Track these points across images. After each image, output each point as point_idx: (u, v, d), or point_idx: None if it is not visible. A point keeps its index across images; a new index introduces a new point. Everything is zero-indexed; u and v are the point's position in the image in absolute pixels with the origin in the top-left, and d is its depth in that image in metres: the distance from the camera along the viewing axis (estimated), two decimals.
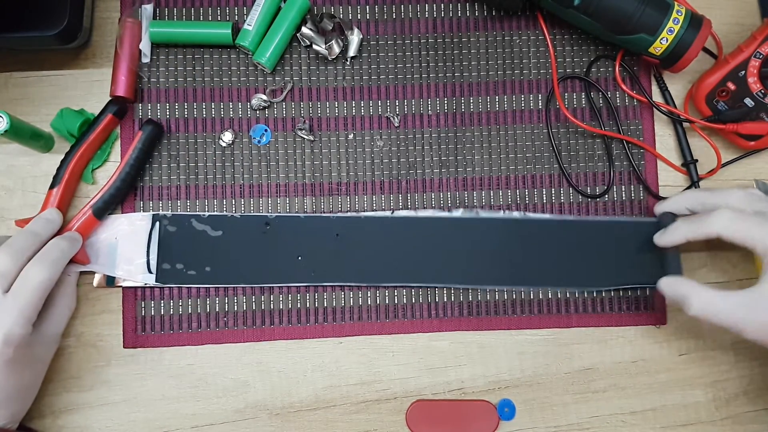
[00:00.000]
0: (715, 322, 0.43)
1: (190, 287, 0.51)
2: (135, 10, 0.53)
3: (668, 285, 0.47)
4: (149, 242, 0.51)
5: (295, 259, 0.51)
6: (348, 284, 0.51)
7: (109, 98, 0.52)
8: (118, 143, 0.53)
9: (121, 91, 0.51)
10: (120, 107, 0.51)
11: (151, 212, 0.52)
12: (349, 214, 0.52)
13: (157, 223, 0.51)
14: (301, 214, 0.52)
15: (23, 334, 0.42)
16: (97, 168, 0.52)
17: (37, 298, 0.43)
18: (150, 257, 0.51)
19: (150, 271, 0.51)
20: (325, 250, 0.51)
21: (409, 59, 0.54)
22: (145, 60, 0.53)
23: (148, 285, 0.51)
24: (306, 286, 0.52)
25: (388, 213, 0.52)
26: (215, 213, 0.52)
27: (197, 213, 0.52)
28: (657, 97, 0.54)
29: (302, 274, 0.51)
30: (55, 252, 0.45)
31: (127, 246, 0.51)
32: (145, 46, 0.53)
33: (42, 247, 0.46)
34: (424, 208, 0.53)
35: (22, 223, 0.49)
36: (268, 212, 0.52)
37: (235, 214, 0.52)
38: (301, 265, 0.51)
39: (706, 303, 0.44)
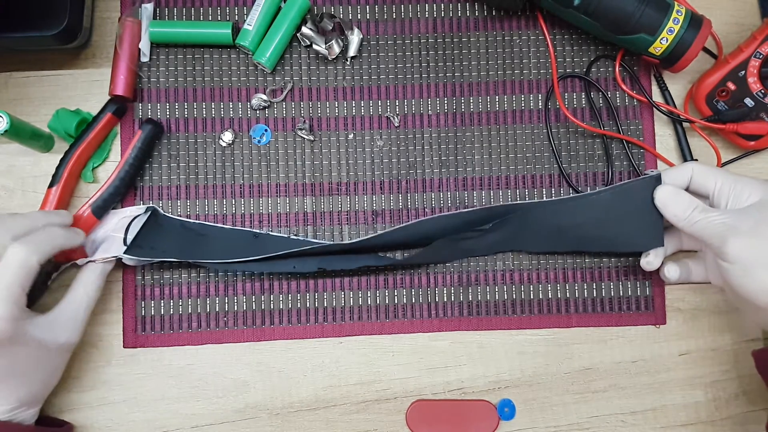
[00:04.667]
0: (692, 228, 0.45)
1: (190, 286, 0.52)
2: (135, 9, 0.53)
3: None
4: (131, 222, 0.50)
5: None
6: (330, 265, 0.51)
7: (109, 98, 0.52)
8: (117, 142, 0.53)
9: (120, 91, 0.51)
10: (119, 106, 0.51)
11: (144, 206, 0.52)
12: (338, 240, 0.52)
13: (149, 212, 0.51)
14: (292, 236, 0.52)
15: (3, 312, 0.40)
16: (97, 167, 0.52)
17: (16, 277, 0.41)
18: (128, 235, 0.50)
19: (125, 244, 0.50)
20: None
21: (409, 59, 0.54)
22: (145, 59, 0.53)
23: (117, 257, 0.49)
24: (305, 286, 0.52)
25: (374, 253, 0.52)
26: (206, 222, 0.52)
27: (188, 219, 0.52)
28: (657, 97, 0.54)
29: (282, 265, 0.50)
30: (42, 236, 0.43)
31: (120, 234, 0.50)
32: (144, 45, 0.53)
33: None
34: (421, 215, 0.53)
35: None
36: (268, 212, 0.52)
37: (225, 225, 0.52)
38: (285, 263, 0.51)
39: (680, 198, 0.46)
